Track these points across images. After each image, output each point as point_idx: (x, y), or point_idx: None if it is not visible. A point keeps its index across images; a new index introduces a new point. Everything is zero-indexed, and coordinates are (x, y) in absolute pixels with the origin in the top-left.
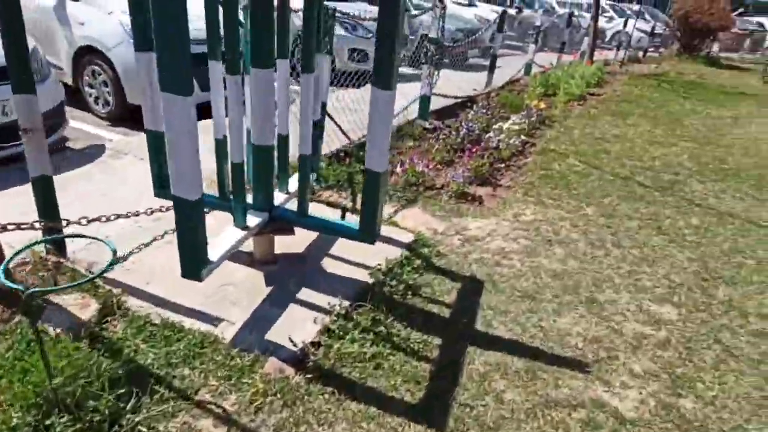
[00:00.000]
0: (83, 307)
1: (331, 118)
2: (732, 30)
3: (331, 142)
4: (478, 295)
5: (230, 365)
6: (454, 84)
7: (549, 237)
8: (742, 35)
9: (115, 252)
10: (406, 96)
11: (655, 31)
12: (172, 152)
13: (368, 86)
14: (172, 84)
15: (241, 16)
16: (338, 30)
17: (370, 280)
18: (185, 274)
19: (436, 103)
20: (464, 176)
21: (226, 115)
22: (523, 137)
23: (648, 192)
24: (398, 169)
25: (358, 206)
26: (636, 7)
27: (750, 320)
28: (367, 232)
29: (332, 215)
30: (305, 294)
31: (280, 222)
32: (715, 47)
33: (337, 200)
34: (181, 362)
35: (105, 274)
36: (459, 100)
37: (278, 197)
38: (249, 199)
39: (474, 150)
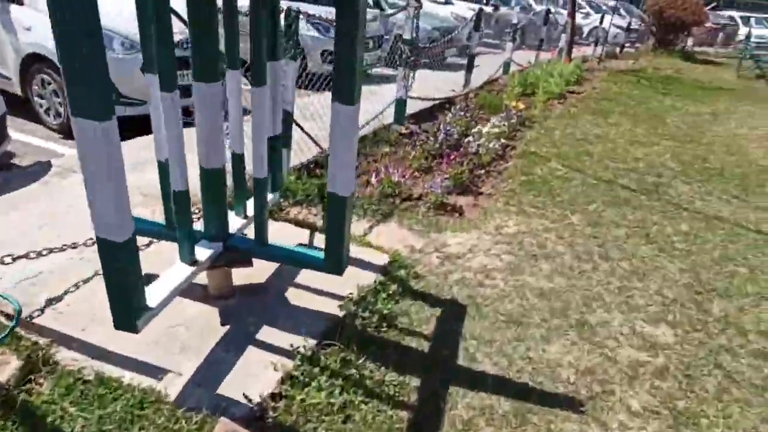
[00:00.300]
0: (0, 366)
1: (300, 127)
2: (705, 24)
3: (301, 152)
4: (461, 322)
5: (174, 430)
6: (431, 84)
7: (534, 251)
8: (715, 29)
9: (19, 312)
10: (382, 99)
11: (631, 27)
12: (90, 187)
13: None
14: (84, 106)
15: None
16: (311, 32)
17: (341, 313)
18: (118, 325)
19: (413, 106)
20: (443, 186)
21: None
22: (503, 140)
23: (633, 196)
24: (373, 180)
25: None
26: (612, 3)
27: (749, 338)
28: (334, 263)
29: (299, 236)
30: (266, 333)
31: (236, 253)
32: (690, 42)
33: (306, 217)
34: (115, 429)
35: (33, 320)
36: (437, 102)
37: (235, 222)
38: (201, 226)
39: (453, 156)
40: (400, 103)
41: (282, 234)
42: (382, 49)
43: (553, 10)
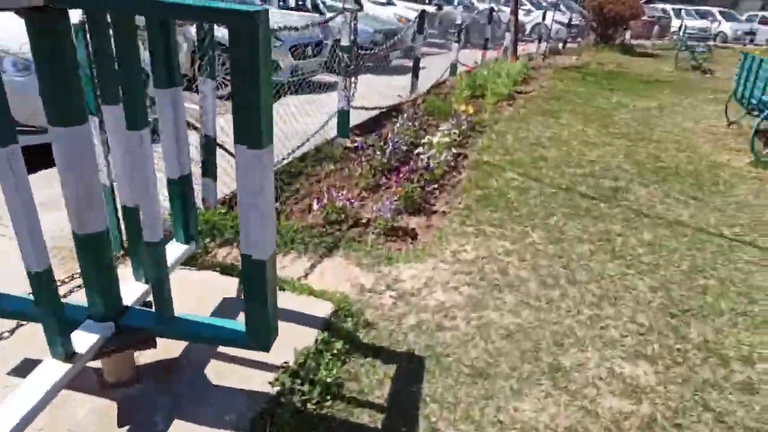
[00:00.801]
0: None
1: (226, 150)
2: (642, 18)
3: (229, 179)
4: (419, 382)
5: None
6: (376, 90)
7: (496, 280)
8: (651, 23)
9: None
10: (325, 109)
11: (572, 23)
12: None
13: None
14: None
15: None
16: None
17: (274, 390)
18: None
19: (358, 116)
20: (392, 208)
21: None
22: (454, 150)
23: (593, 204)
24: (315, 206)
25: None
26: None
27: (733, 368)
28: (258, 339)
29: (227, 288)
30: None
31: (132, 335)
32: (627, 35)
33: (236, 259)
34: None
35: None
36: (383, 110)
37: (133, 291)
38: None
39: (401, 173)
40: (343, 115)
41: (204, 288)
42: (321, 55)
43: (496, 8)
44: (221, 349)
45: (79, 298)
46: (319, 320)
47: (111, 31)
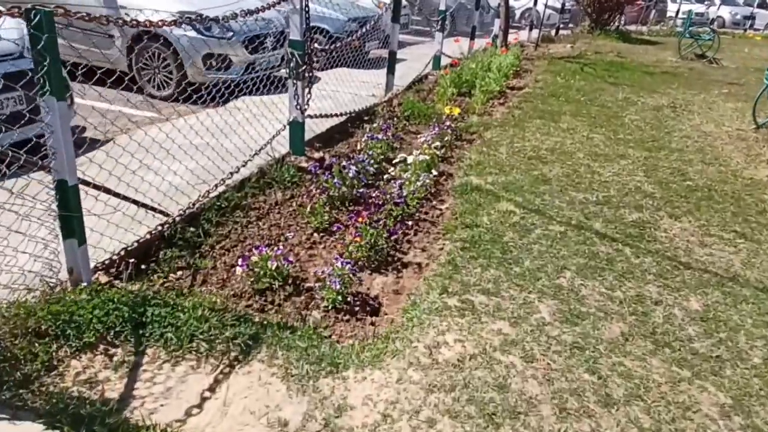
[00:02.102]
0: None
1: (104, 189)
2: (637, 2)
3: (118, 230)
4: None
5: None
6: (348, 89)
7: (491, 404)
8: (646, 7)
9: None
10: (283, 115)
11: (565, 8)
12: None
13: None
14: None
15: None
16: (187, 31)
17: None
18: None
19: (321, 124)
20: (350, 262)
21: None
22: (435, 172)
23: (615, 250)
24: (239, 268)
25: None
26: None
27: None
28: None
29: None
30: None
31: None
32: (622, 20)
33: (99, 373)
34: None
35: None
36: (354, 114)
37: None
38: None
39: (363, 213)
40: (296, 127)
41: None
42: (284, 47)
43: None
44: None
45: None
46: None
47: None
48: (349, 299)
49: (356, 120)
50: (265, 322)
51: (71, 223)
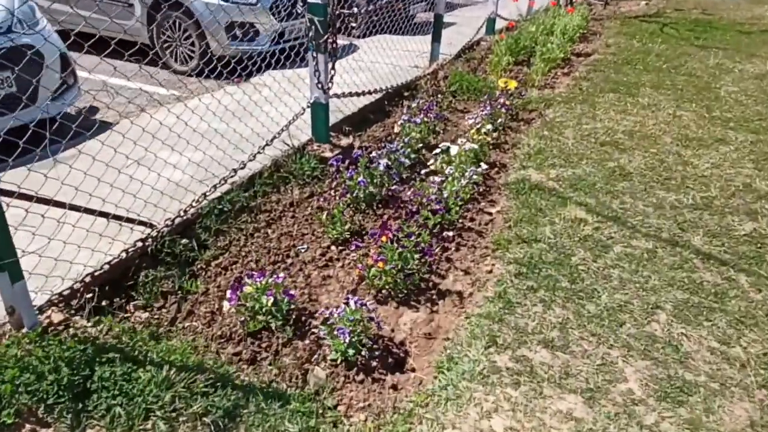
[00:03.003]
0: None
1: (52, 203)
2: None
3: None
4: None
5: None
6: (388, 59)
7: None
8: None
9: None
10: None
11: None
12: None
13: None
14: None
15: None
16: None
17: None
18: None
19: (351, 103)
20: (371, 292)
21: None
22: (484, 165)
23: (726, 279)
24: (227, 302)
25: None
26: None
27: None
28: None
29: None
30: None
31: None
32: None
33: None
34: None
35: None
36: (393, 90)
37: None
38: None
39: (395, 217)
40: (318, 110)
41: None
42: None
43: None
44: None
45: None
46: None
47: None
48: (364, 347)
49: (395, 96)
50: (250, 387)
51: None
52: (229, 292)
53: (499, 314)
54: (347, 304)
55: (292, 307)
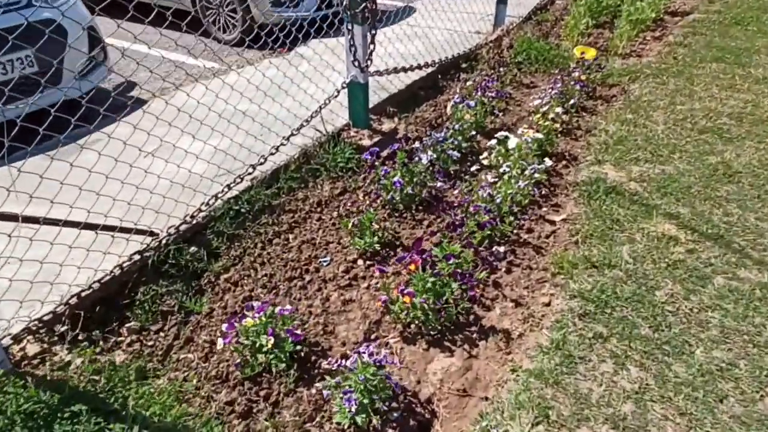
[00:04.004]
0: None
1: (21, 220)
2: None
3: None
4: None
5: None
6: (447, 23)
7: None
8: None
9: None
10: (341, 74)
11: None
12: None
13: None
14: None
15: None
16: None
17: None
18: None
19: (397, 80)
20: (397, 328)
21: None
22: (548, 162)
23: None
24: (222, 340)
25: None
26: None
27: None
28: None
29: None
30: None
31: None
32: None
33: None
34: None
35: None
36: (448, 62)
37: None
38: None
39: (433, 225)
40: (355, 90)
41: None
42: None
43: None
44: None
45: None
46: None
47: None
48: (377, 414)
49: (451, 69)
50: None
51: None
52: (224, 325)
53: (555, 373)
54: (360, 354)
55: (297, 348)
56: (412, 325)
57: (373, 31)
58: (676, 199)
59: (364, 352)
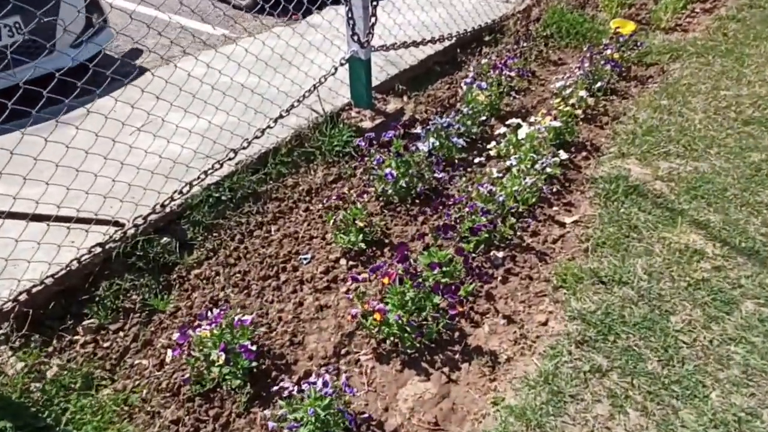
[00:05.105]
0: None
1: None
2: None
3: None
4: None
5: None
6: None
7: None
8: None
9: None
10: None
11: None
12: None
13: None
14: None
15: None
16: None
17: None
18: None
19: (408, 55)
20: (374, 345)
21: None
22: (563, 154)
23: None
24: (171, 353)
25: None
26: None
27: None
28: None
29: None
30: None
31: None
32: None
33: None
34: None
35: None
36: (468, 36)
37: None
38: None
39: (428, 222)
40: (356, 67)
41: None
42: None
43: None
44: None
45: None
46: None
47: None
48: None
49: (472, 42)
50: None
51: None
52: (176, 334)
53: (540, 413)
54: (314, 383)
55: (253, 365)
56: (387, 341)
57: (374, 2)
58: (708, 203)
59: (314, 382)
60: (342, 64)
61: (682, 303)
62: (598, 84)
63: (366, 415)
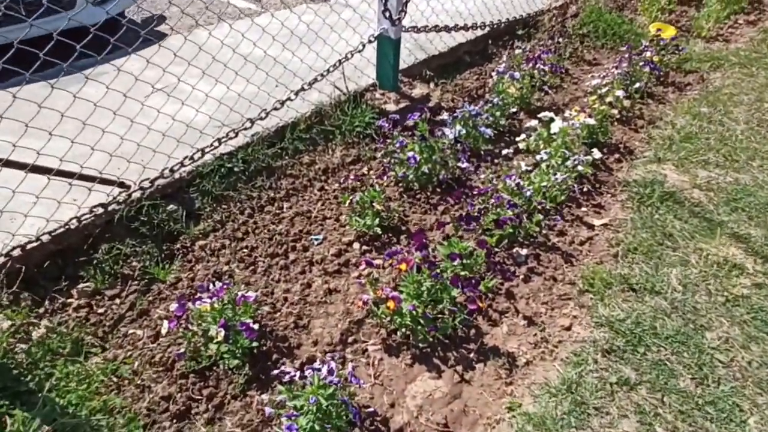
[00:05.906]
0: None
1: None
2: None
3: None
4: None
5: None
6: None
7: None
8: None
9: None
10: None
11: None
12: None
13: None
14: None
15: None
16: None
17: None
18: None
19: (439, 41)
20: (383, 336)
21: None
22: (597, 152)
23: None
24: (165, 324)
25: None
26: None
27: None
28: None
29: None
30: None
31: None
32: None
33: None
34: None
35: None
36: (503, 26)
37: None
38: None
39: (449, 212)
40: (385, 46)
41: None
42: None
43: None
44: None
45: None
46: None
47: None
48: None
49: (504, 35)
50: None
51: None
52: (174, 305)
53: (561, 424)
54: (318, 370)
55: (254, 345)
56: (399, 332)
57: None
58: (749, 216)
59: (319, 369)
60: (371, 41)
61: (718, 319)
62: (636, 85)
63: (371, 410)
